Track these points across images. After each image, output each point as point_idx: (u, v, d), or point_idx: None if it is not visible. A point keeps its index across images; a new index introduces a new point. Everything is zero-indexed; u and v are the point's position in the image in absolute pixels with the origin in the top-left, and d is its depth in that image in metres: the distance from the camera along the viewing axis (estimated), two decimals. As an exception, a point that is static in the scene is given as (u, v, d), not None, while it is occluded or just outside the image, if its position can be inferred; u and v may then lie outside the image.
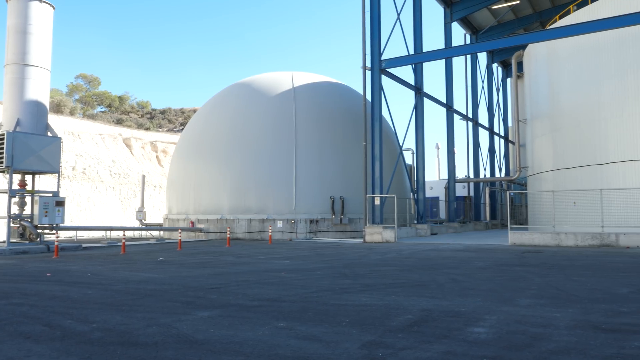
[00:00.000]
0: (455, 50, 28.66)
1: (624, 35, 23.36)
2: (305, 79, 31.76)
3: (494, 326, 6.01)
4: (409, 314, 6.78)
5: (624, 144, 23.42)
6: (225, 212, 28.65)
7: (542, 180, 29.32)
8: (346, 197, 28.04)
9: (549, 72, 28.79)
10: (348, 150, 28.86)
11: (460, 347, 5.11)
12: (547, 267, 12.36)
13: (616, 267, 12.23)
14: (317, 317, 6.62)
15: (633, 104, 23.18)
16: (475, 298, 7.95)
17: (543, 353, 4.87)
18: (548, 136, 28.71)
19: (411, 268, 12.37)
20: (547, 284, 9.48)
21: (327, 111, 29.87)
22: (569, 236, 19.60)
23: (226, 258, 15.93)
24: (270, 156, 28.28)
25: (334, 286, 9.40)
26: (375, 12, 25.78)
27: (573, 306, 7.21)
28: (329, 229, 27.92)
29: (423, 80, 29.62)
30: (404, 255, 16.05)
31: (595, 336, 5.48)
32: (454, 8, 34.50)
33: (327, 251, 18.39)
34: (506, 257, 15.07)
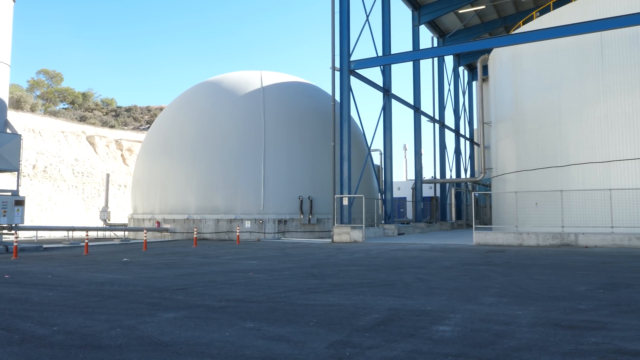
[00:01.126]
0: (423, 53, 29.09)
1: (584, 42, 24.18)
2: (274, 78, 31.66)
3: (459, 324, 6.12)
4: (376, 313, 6.84)
5: (583, 147, 24.24)
6: (192, 212, 28.28)
7: (506, 182, 30.07)
8: (315, 197, 28.09)
9: (512, 76, 29.54)
10: (317, 151, 28.91)
11: (425, 346, 5.19)
12: (510, 266, 12.67)
13: (575, 266, 12.64)
14: (284, 317, 6.61)
15: (591, 109, 24.01)
16: (441, 297, 8.08)
17: (506, 350, 5.00)
18: (511, 138, 29.45)
19: (379, 268, 12.49)
20: (510, 282, 9.72)
21: (296, 111, 29.86)
22: (531, 236, 20.16)
23: (193, 258, 15.73)
24: (239, 156, 28.07)
25: (302, 286, 9.40)
26: (344, 14, 25.91)
27: (534, 304, 7.41)
28: (297, 229, 27.91)
29: (391, 82, 29.94)
30: (371, 255, 16.18)
31: (555, 333, 5.65)
32: (422, 11, 34.99)
33: (295, 251, 18.38)
34: (471, 257, 15.38)
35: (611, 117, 23.25)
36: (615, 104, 23.15)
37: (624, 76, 22.93)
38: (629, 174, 22.31)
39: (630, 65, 22.69)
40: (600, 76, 23.74)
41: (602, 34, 23.36)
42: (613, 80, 23.29)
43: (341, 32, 25.99)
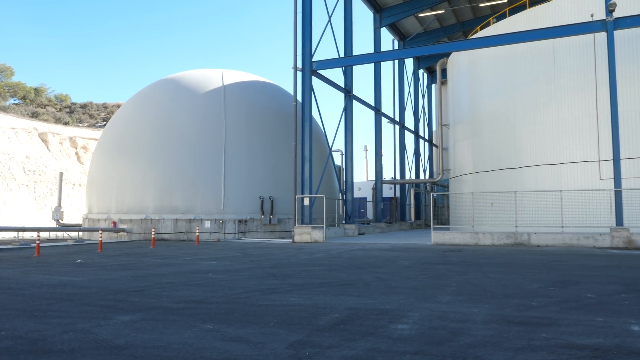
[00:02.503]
0: (384, 55, 29.47)
1: (537, 48, 25.07)
2: (235, 77, 31.36)
3: (417, 323, 6.23)
4: (336, 312, 6.88)
5: (535, 149, 25.12)
6: (150, 212, 27.67)
7: (463, 183, 30.82)
8: (276, 197, 27.99)
9: (470, 79, 30.31)
10: (278, 150, 28.82)
11: (384, 344, 5.26)
12: (466, 265, 12.99)
13: (528, 264, 13.08)
14: (244, 318, 6.56)
15: (544, 113, 24.92)
16: (400, 296, 8.21)
17: (461, 347, 5.12)
18: (469, 140, 30.21)
19: (339, 267, 12.56)
20: (466, 281, 9.97)
21: (258, 110, 29.67)
22: (487, 235, 20.73)
23: (150, 259, 15.39)
24: (199, 155, 27.66)
25: (262, 286, 9.36)
26: (307, 14, 25.94)
27: (489, 301, 7.63)
28: (258, 229, 27.74)
29: (353, 83, 30.18)
30: (332, 255, 16.26)
31: (508, 329, 5.84)
32: (383, 14, 35.43)
33: (256, 251, 18.26)
34: (429, 256, 15.68)
35: (562, 121, 24.19)
36: (566, 108, 24.11)
37: (573, 82, 23.91)
38: (577, 176, 23.27)
39: (579, 72, 23.66)
40: (552, 81, 24.67)
41: (554, 41, 24.28)
42: (563, 86, 24.25)
43: (303, 33, 26.01)
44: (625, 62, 21.93)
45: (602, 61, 22.07)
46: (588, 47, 23.35)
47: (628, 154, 21.30)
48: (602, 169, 22.40)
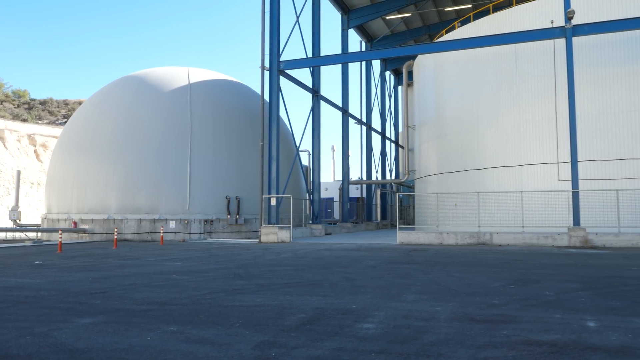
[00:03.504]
0: (351, 57, 29.65)
1: (500, 53, 25.71)
2: (202, 75, 30.96)
3: (382, 322, 6.30)
4: (302, 312, 6.88)
5: (498, 151, 25.76)
6: (112, 211, 27.03)
7: (428, 183, 31.31)
8: (242, 197, 27.78)
9: (435, 82, 30.83)
10: (245, 150, 28.61)
11: (350, 343, 5.29)
12: (430, 264, 13.20)
13: (490, 263, 13.40)
14: (209, 320, 6.49)
15: (506, 116, 25.57)
16: (366, 295, 8.28)
17: (426, 345, 5.20)
18: (434, 142, 30.72)
19: (305, 268, 12.57)
20: (431, 280, 10.14)
21: (225, 109, 29.37)
22: (450, 235, 21.13)
23: (112, 260, 15.04)
24: (163, 154, 27.18)
25: (228, 287, 9.27)
26: (274, 13, 25.86)
27: (452, 300, 7.78)
28: (224, 230, 27.47)
29: (320, 84, 30.25)
30: (298, 255, 16.25)
31: (470, 327, 5.96)
32: (351, 15, 35.64)
33: (222, 252, 18.08)
34: (395, 256, 15.86)
35: (523, 124, 24.88)
36: (527, 112, 24.81)
37: (534, 86, 24.62)
38: (538, 178, 23.98)
39: (540, 76, 24.39)
40: (514, 85, 25.34)
41: (516, 47, 24.95)
42: (525, 90, 24.95)
43: (271, 32, 25.91)
44: (583, 67, 22.72)
45: (561, 66, 22.80)
46: (548, 53, 24.09)
47: (585, 157, 22.08)
48: (560, 170, 23.14)
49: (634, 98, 22.25)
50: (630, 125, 22.22)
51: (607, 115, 22.65)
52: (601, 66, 22.94)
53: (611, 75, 22.76)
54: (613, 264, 13.02)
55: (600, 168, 22.37)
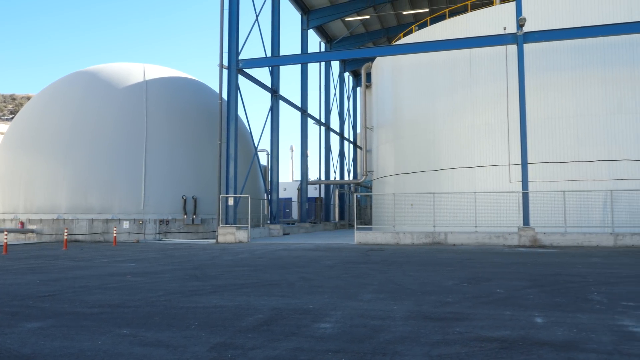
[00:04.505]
0: (311, 57, 29.72)
1: (456, 57, 26.36)
2: (158, 72, 30.27)
3: (339, 321, 6.35)
4: (260, 313, 6.85)
5: (452, 153, 26.41)
6: (62, 211, 26.06)
7: (385, 184, 31.76)
8: (199, 196, 27.35)
9: (393, 84, 31.30)
10: (202, 149, 28.18)
11: (307, 343, 5.31)
12: (387, 264, 13.40)
13: (444, 262, 13.73)
14: (164, 322, 6.36)
15: (461, 118, 26.25)
16: (323, 295, 8.32)
17: (381, 343, 5.28)
18: (391, 143, 31.18)
19: (263, 268, 12.51)
20: (387, 279, 10.29)
21: (182, 107, 28.82)
22: (407, 235, 21.51)
23: (62, 262, 14.50)
24: (117, 152, 26.42)
25: (184, 289, 9.12)
26: (234, 11, 25.59)
27: (408, 299, 7.92)
28: (180, 230, 26.97)
29: (279, 84, 30.17)
30: (256, 256, 16.16)
31: (425, 325, 6.09)
32: (311, 16, 35.72)
33: (178, 252, 17.75)
34: (352, 256, 16.01)
35: (477, 126, 25.60)
36: (480, 115, 25.54)
37: (487, 90, 25.38)
38: (490, 179, 24.73)
39: (493, 81, 25.16)
40: (469, 89, 26.04)
41: (471, 51, 25.66)
42: (479, 94, 25.68)
43: (230, 30, 25.63)
44: (533, 73, 23.58)
45: (513, 72, 23.59)
46: (501, 58, 24.87)
47: (535, 159, 22.93)
48: (511, 172, 23.95)
49: (580, 103, 23.29)
50: (576, 129, 23.23)
51: (555, 119, 23.61)
52: (550, 72, 23.89)
53: (559, 81, 23.73)
54: (559, 262, 13.59)
55: (548, 170, 23.29)
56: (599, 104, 23.00)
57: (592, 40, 22.86)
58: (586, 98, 23.20)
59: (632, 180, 21.99)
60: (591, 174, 22.63)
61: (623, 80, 22.79)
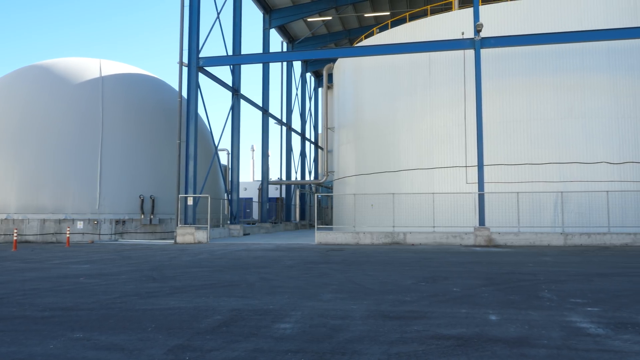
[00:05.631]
0: (272, 56, 29.60)
1: (416, 60, 26.82)
2: (115, 68, 29.45)
3: (299, 321, 6.35)
4: (219, 314, 6.78)
5: (412, 154, 26.86)
6: (11, 211, 24.99)
7: (346, 184, 31.98)
8: (157, 196, 26.79)
9: (354, 85, 31.56)
10: (161, 148, 27.62)
11: (267, 344, 5.29)
12: (347, 263, 13.50)
13: (403, 262, 13.95)
14: (119, 325, 6.20)
15: (420, 120, 26.73)
16: (283, 295, 8.30)
17: (341, 343, 5.32)
18: (352, 144, 31.43)
19: (222, 269, 12.37)
20: (347, 279, 10.37)
21: (140, 105, 28.15)
22: (367, 235, 21.73)
23: (11, 264, 13.91)
24: (70, 149, 25.56)
25: (140, 290, 8.91)
26: (194, 8, 25.18)
27: (367, 298, 8.01)
28: (137, 230, 26.34)
29: (241, 83, 29.92)
30: (216, 256, 15.97)
31: (384, 324, 6.18)
32: (273, 15, 35.59)
33: (134, 253, 17.33)
34: (313, 256, 16.04)
35: (435, 129, 26.13)
36: (439, 117, 26.09)
37: (446, 93, 25.94)
38: (448, 180, 25.29)
39: (451, 84, 25.74)
40: (428, 92, 26.55)
41: (430, 55, 26.17)
42: (438, 96, 26.22)
43: (190, 27, 25.21)
44: (490, 77, 24.25)
45: (470, 76, 24.19)
46: (459, 62, 25.48)
47: (490, 161, 23.61)
48: (468, 174, 24.57)
49: (533, 108, 24.13)
50: (529, 133, 24.05)
51: (510, 123, 24.37)
52: (505, 77, 24.64)
53: (514, 86, 24.51)
54: (513, 261, 14.04)
55: (503, 172, 24.02)
56: (551, 109, 23.90)
57: (545, 47, 23.75)
58: (539, 103, 24.07)
59: (581, 182, 22.96)
60: (543, 176, 23.48)
61: (574, 86, 23.76)
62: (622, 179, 23.01)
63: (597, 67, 23.71)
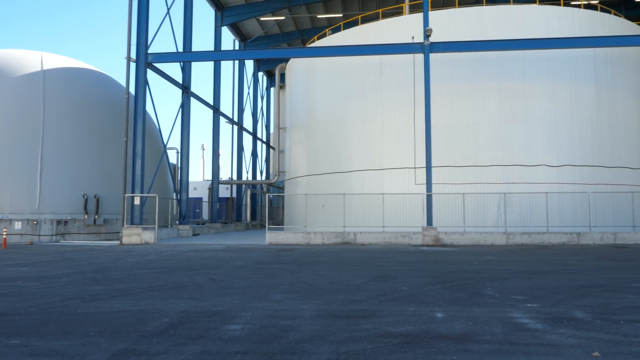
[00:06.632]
0: (224, 54, 29.23)
1: (367, 62, 27.18)
2: (58, 62, 28.18)
3: (249, 322, 6.30)
4: (166, 317, 6.63)
5: (363, 155, 27.20)
6: (-59, 211, 23.46)
7: (298, 184, 31.99)
8: (102, 195, 25.87)
9: (306, 86, 31.62)
10: (107, 145, 26.68)
11: (215, 346, 5.22)
12: (298, 264, 13.51)
13: (353, 261, 14.10)
14: (60, 330, 5.95)
15: (371, 122, 27.10)
16: (233, 296, 8.21)
17: (290, 343, 5.32)
18: (304, 144, 31.48)
19: (170, 270, 12.10)
20: (297, 279, 10.38)
21: (85, 101, 27.07)
22: (318, 235, 21.83)
23: (-60, 267, 13.06)
24: (8, 146, 24.28)
25: (83, 293, 8.58)
26: (143, 1, 24.47)
27: (318, 298, 8.04)
28: (80, 231, 25.33)
29: (191, 80, 29.35)
30: (163, 257, 15.59)
31: (333, 323, 6.22)
32: (225, 13, 35.14)
33: (77, 255, 16.66)
34: (263, 256, 15.95)
35: (386, 130, 26.57)
36: (390, 119, 26.55)
37: (396, 96, 26.42)
38: (397, 181, 25.77)
39: (402, 87, 26.23)
40: (379, 94, 26.97)
41: (381, 58, 26.59)
42: (388, 98, 26.67)
43: (139, 22, 24.48)
44: (438, 81, 24.88)
45: (420, 79, 24.75)
46: (409, 66, 26.01)
47: (438, 163, 24.22)
48: (417, 175, 25.13)
49: (478, 112, 24.98)
50: (475, 136, 24.88)
51: (457, 126, 25.13)
52: (453, 81, 25.37)
53: (461, 90, 25.28)
54: (458, 260, 14.48)
55: (450, 174, 24.72)
56: (495, 113, 24.83)
57: (490, 53, 24.64)
58: (485, 107, 24.95)
59: (523, 184, 23.98)
60: (488, 178, 24.35)
61: (516, 92, 24.78)
62: (560, 181, 24.22)
63: (538, 75, 24.85)
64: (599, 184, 24.59)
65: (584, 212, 22.96)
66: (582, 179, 24.52)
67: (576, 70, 25.14)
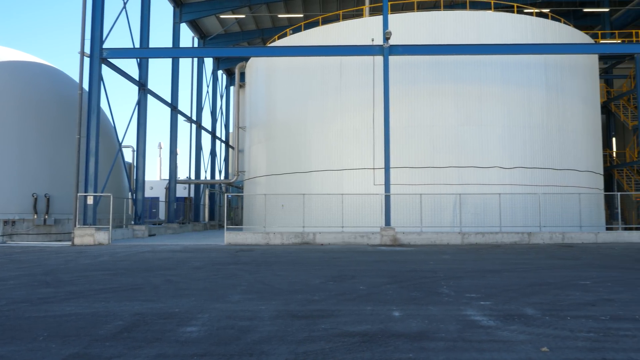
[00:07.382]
0: (183, 52, 28.73)
1: (328, 63, 27.30)
2: (4, 54, 26.98)
3: (206, 324, 6.22)
4: (120, 320, 6.45)
5: (323, 155, 27.30)
6: None
7: (257, 184, 31.80)
8: (53, 195, 24.93)
9: (267, 85, 31.48)
10: (59, 143, 25.74)
11: (171, 349, 5.12)
12: (257, 264, 13.43)
13: (312, 261, 14.13)
14: (6, 334, 5.69)
15: (331, 122, 27.25)
16: (190, 298, 8.08)
17: (249, 344, 5.29)
18: (264, 144, 31.32)
19: (125, 271, 11.79)
20: (256, 279, 10.32)
21: (34, 96, 26.02)
22: (277, 235, 21.76)
23: None
24: (-49, 142, 23.04)
25: (32, 297, 8.24)
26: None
27: (276, 298, 8.02)
28: (29, 231, 24.32)
29: (148, 77, 28.68)
30: (117, 258, 15.17)
31: (292, 323, 6.22)
32: (184, 9, 34.55)
33: (26, 257, 15.99)
34: (221, 257, 15.77)
35: (345, 131, 26.77)
36: (349, 119, 26.76)
37: (356, 97, 26.66)
38: (356, 182, 26.01)
39: (361, 88, 26.49)
40: (339, 95, 27.13)
41: (341, 59, 26.77)
42: (348, 99, 26.88)
43: (93, 15, 23.69)
44: (397, 83, 25.27)
45: (379, 81, 25.05)
46: (369, 68, 26.29)
47: (396, 164, 24.59)
48: (376, 175, 25.43)
49: (434, 114, 25.52)
50: (432, 138, 25.41)
51: (415, 127, 25.59)
52: (412, 84, 25.82)
53: (419, 92, 25.76)
54: (415, 259, 14.75)
55: (408, 174, 25.14)
56: (451, 116, 25.43)
57: (447, 57, 25.22)
58: (441, 110, 25.51)
59: (477, 185, 24.66)
60: (444, 179, 24.92)
61: (472, 95, 25.46)
62: (512, 182, 25.05)
63: (493, 80, 25.62)
64: (549, 185, 25.60)
65: (535, 212, 23.83)
66: (533, 181, 25.45)
67: (528, 75, 26.06)
